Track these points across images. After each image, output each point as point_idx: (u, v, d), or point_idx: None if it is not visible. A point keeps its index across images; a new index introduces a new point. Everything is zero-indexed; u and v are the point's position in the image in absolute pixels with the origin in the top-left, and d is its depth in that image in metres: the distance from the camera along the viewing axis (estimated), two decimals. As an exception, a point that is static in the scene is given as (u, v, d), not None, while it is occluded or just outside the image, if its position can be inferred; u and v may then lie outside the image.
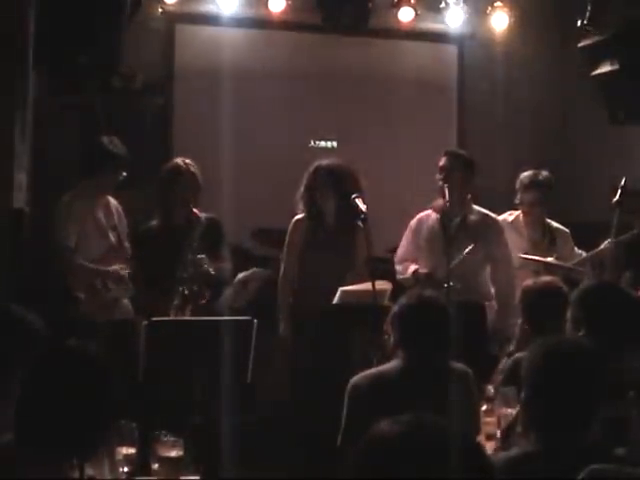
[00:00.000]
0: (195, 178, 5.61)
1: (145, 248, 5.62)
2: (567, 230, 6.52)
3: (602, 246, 6.12)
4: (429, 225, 5.86)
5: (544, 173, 6.37)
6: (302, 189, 5.62)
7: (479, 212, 5.93)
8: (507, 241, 5.98)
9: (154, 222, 5.64)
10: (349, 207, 5.43)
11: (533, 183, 6.30)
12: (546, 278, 4.95)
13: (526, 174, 6.36)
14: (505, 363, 4.61)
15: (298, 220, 5.69)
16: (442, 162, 5.88)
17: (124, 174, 5.85)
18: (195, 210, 5.44)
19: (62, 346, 2.68)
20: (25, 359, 2.67)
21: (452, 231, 5.70)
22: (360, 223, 5.40)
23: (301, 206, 5.66)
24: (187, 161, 5.66)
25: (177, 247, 5.43)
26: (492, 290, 5.93)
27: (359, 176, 5.63)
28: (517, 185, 6.38)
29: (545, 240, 6.38)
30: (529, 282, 4.77)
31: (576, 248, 6.45)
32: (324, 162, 5.65)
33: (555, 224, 6.48)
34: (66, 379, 2.52)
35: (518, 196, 6.37)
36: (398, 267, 5.99)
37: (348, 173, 5.58)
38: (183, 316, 5.36)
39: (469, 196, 5.91)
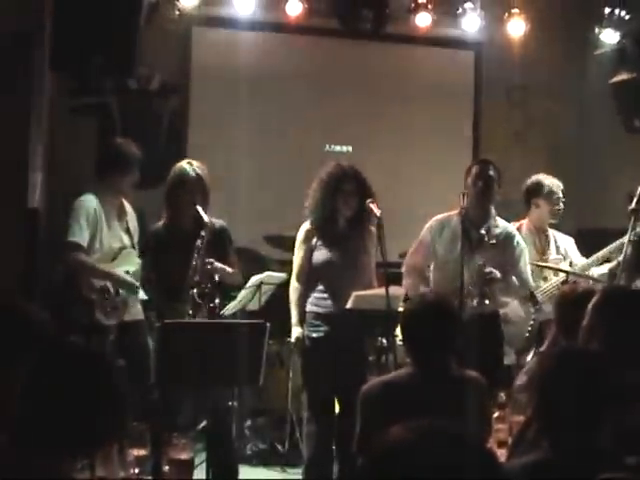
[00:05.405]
0: (202, 181, 5.53)
1: (152, 250, 5.58)
2: (571, 238, 6.52)
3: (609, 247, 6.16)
4: (452, 228, 5.72)
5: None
6: (325, 188, 5.45)
7: (501, 223, 5.87)
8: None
9: (160, 224, 5.60)
10: (362, 212, 5.42)
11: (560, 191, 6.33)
12: (585, 285, 4.92)
13: (555, 182, 6.36)
14: (531, 363, 4.60)
15: (308, 228, 5.55)
16: (476, 170, 5.77)
17: (138, 176, 5.87)
18: (204, 215, 5.36)
19: (65, 343, 2.65)
20: (28, 357, 2.63)
21: (475, 241, 5.67)
22: (373, 228, 5.38)
23: (315, 207, 5.51)
24: (194, 163, 5.60)
25: (184, 250, 5.37)
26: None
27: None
28: (545, 192, 6.36)
29: (550, 248, 6.37)
30: (567, 287, 4.75)
31: (581, 256, 6.45)
32: (348, 165, 5.50)
33: (558, 233, 6.48)
34: (68, 376, 2.50)
35: (546, 203, 6.35)
36: (407, 280, 5.84)
37: (365, 177, 5.52)
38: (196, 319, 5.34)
39: (494, 206, 5.82)
